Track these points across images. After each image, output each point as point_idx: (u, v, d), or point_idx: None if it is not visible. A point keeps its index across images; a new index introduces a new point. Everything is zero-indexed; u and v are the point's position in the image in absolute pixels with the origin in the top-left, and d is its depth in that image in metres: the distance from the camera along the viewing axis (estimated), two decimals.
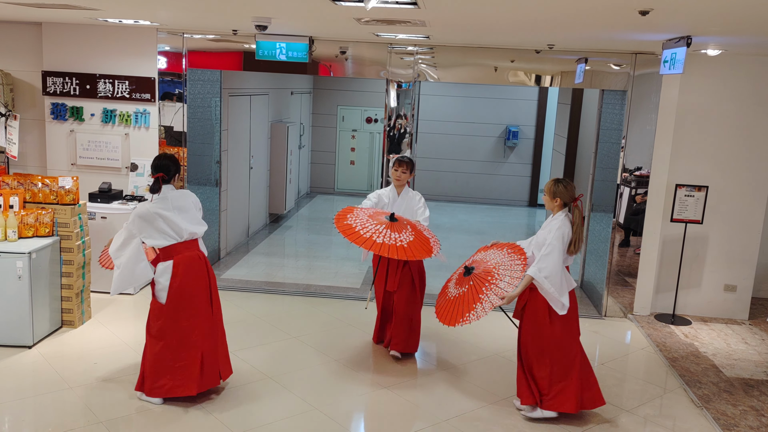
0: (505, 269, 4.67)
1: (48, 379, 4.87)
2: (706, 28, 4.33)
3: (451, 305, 4.74)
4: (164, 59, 6.90)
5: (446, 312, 4.73)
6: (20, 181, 5.76)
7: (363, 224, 5.10)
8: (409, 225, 5.23)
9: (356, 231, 5.04)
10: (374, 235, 5.00)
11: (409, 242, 5.03)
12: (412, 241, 5.07)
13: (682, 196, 6.60)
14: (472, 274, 4.81)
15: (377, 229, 5.06)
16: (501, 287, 4.56)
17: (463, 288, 4.76)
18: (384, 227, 5.08)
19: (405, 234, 5.08)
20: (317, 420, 4.51)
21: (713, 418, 4.75)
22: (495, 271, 4.70)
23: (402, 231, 5.10)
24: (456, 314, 4.61)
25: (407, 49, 6.83)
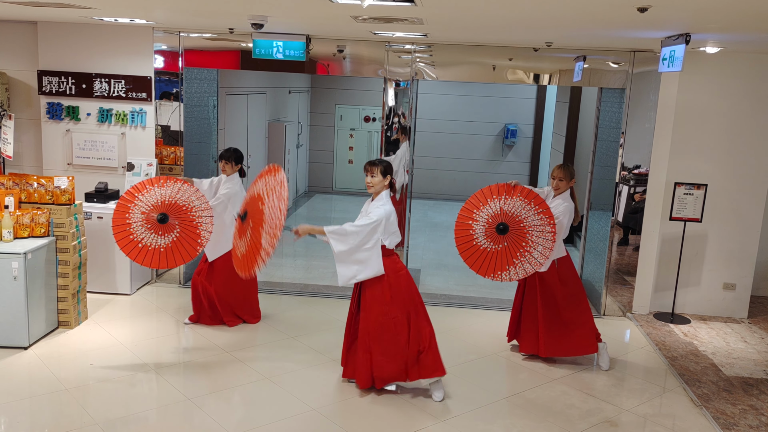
0: (537, 236, 5.14)
1: (44, 380, 4.84)
2: (705, 25, 4.31)
3: (483, 257, 5.19)
4: (161, 58, 6.87)
5: (479, 262, 5.19)
6: (16, 181, 5.73)
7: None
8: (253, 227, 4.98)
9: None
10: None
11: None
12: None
13: (681, 194, 6.58)
14: (508, 233, 5.15)
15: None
16: (535, 257, 5.11)
17: (497, 245, 5.18)
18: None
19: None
20: (316, 420, 4.49)
21: (713, 417, 4.74)
22: (529, 237, 5.15)
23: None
24: (488, 268, 5.19)
25: (405, 47, 6.80)
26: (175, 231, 5.42)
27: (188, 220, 5.48)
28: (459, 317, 6.66)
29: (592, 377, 5.39)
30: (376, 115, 13.03)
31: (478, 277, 8.11)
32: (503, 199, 5.24)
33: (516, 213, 5.19)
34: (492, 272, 5.17)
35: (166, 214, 5.42)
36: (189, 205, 5.50)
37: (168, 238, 5.41)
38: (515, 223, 5.18)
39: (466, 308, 6.94)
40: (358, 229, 4.62)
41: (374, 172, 4.73)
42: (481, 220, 5.23)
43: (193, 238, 5.46)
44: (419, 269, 8.25)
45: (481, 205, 5.26)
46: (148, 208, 5.41)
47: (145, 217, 5.39)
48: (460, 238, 5.27)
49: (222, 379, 5.03)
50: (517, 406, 4.84)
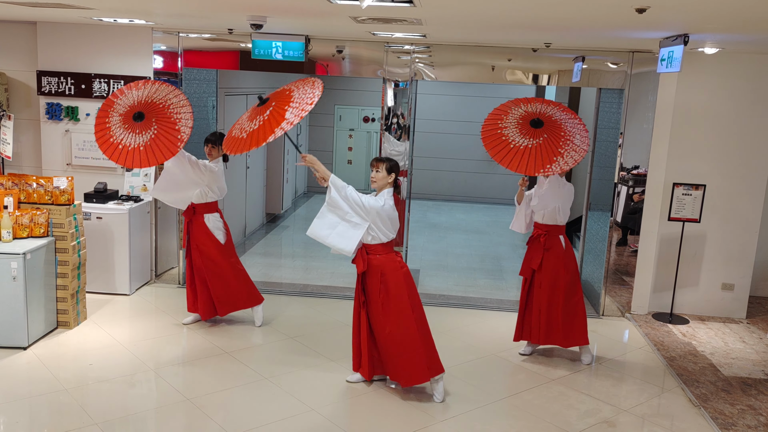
0: (571, 126, 5.23)
1: (43, 380, 4.85)
2: (703, 26, 4.32)
3: (526, 155, 5.14)
4: (160, 59, 6.88)
5: (522, 161, 5.13)
6: (15, 182, 5.73)
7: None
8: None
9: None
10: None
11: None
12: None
13: (680, 194, 6.59)
14: (544, 126, 5.20)
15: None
16: (577, 144, 5.16)
17: (537, 140, 5.17)
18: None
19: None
20: (315, 421, 4.49)
21: (711, 418, 4.74)
22: (564, 125, 5.22)
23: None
24: (536, 164, 5.12)
25: (404, 48, 6.81)
26: (152, 128, 5.33)
27: (166, 117, 5.37)
28: (458, 317, 6.66)
29: (591, 378, 5.40)
30: (375, 115, 13.03)
31: (477, 277, 8.15)
32: (525, 105, 5.34)
33: (542, 111, 5.30)
34: (541, 167, 5.10)
35: (142, 112, 5.35)
36: (166, 103, 5.41)
37: (146, 135, 5.32)
38: (546, 118, 5.27)
39: (465, 309, 6.95)
40: (356, 199, 4.70)
41: (379, 167, 4.79)
42: (510, 125, 5.28)
43: (172, 134, 5.34)
44: (418, 270, 8.26)
45: (504, 115, 5.34)
46: (125, 109, 5.35)
47: (122, 118, 5.34)
48: (494, 145, 5.27)
49: (221, 379, 5.03)
50: (515, 406, 4.85)
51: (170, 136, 5.34)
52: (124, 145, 5.31)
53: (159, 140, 5.32)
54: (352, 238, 4.68)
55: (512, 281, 8.06)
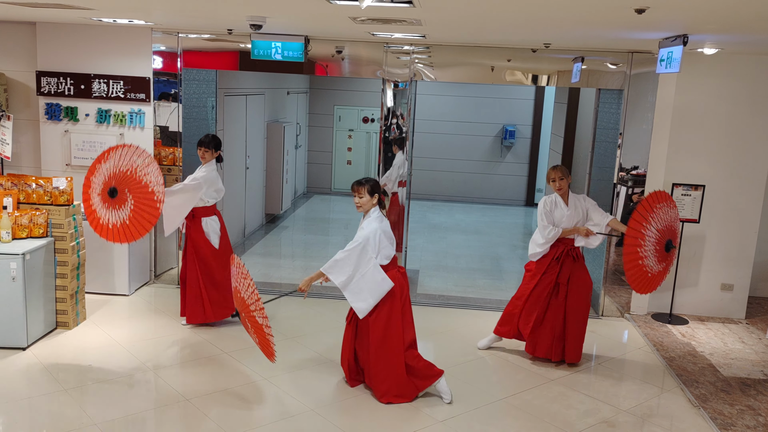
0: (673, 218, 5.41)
1: (42, 380, 4.84)
2: (703, 27, 4.32)
3: (651, 279, 5.25)
4: (159, 59, 6.88)
5: (646, 283, 5.24)
6: (14, 182, 5.73)
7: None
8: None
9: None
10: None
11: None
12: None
13: (679, 195, 6.59)
14: (672, 251, 5.34)
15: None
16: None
17: (662, 264, 5.29)
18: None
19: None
20: (314, 421, 4.49)
21: (710, 418, 4.74)
22: (676, 230, 5.44)
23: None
24: (653, 284, 5.28)
25: (403, 48, 6.81)
26: (129, 199, 5.33)
27: (137, 183, 5.36)
28: (457, 318, 6.66)
29: (590, 378, 5.40)
30: (374, 115, 13.03)
31: (475, 277, 8.16)
32: (655, 220, 5.22)
33: (667, 222, 5.30)
34: (654, 287, 5.33)
35: (115, 188, 5.33)
36: (132, 167, 5.38)
37: (126, 208, 5.32)
38: (674, 234, 5.39)
39: (465, 309, 6.95)
40: (347, 254, 4.60)
41: (362, 192, 4.72)
42: (649, 253, 5.21)
43: (149, 198, 5.35)
44: (418, 270, 8.26)
45: (641, 239, 5.17)
46: (100, 187, 5.32)
47: (101, 197, 5.31)
48: (639, 281, 5.22)
49: (220, 379, 5.03)
50: (514, 406, 4.85)
51: (148, 201, 5.39)
52: (112, 224, 5.31)
53: (139, 209, 5.38)
54: (380, 275, 4.66)
55: (511, 281, 8.06)
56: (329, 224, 11.01)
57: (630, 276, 5.12)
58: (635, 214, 5.08)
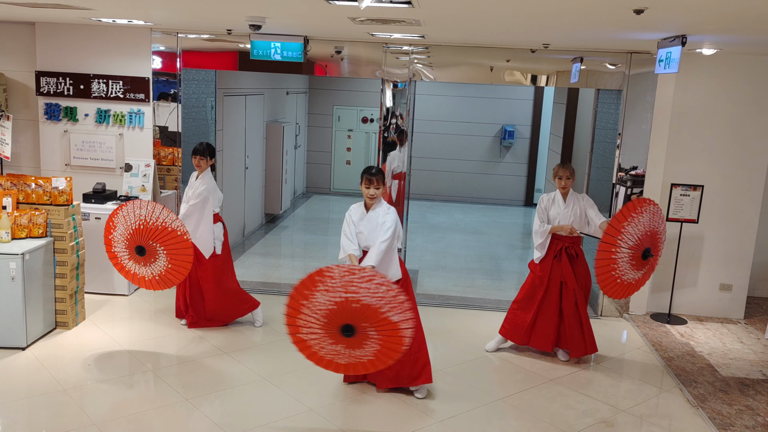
0: (662, 236, 5.34)
1: (42, 380, 4.85)
2: (701, 27, 4.33)
3: (627, 286, 5.24)
4: (158, 59, 6.88)
5: (620, 290, 5.24)
6: (13, 182, 5.73)
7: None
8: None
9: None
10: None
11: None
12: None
13: (678, 195, 6.60)
14: (649, 259, 5.23)
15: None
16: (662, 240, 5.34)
17: (638, 272, 5.23)
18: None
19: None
20: (313, 421, 4.49)
21: (709, 418, 4.75)
22: (659, 235, 5.30)
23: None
24: (629, 290, 5.28)
25: (402, 48, 6.82)
26: (159, 249, 5.28)
27: (155, 231, 5.27)
28: (457, 318, 6.67)
29: (589, 378, 5.41)
30: (373, 116, 13.03)
31: (475, 277, 8.16)
32: (631, 226, 5.15)
33: (648, 232, 5.20)
34: (632, 291, 5.33)
35: (142, 246, 5.30)
36: (142, 220, 5.25)
37: (161, 256, 5.30)
38: (654, 242, 5.27)
39: (464, 309, 6.96)
40: (387, 242, 4.68)
41: (378, 184, 4.77)
42: (623, 261, 5.17)
43: (175, 236, 5.27)
44: (417, 270, 8.26)
45: (615, 248, 5.15)
46: (127, 253, 5.33)
47: (128, 253, 5.34)
48: (611, 286, 5.22)
49: (220, 379, 5.04)
50: (513, 406, 4.85)
51: (176, 240, 5.28)
52: (158, 275, 5.34)
53: (173, 251, 5.29)
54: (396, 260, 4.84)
55: (510, 281, 8.07)
56: (328, 224, 11.01)
57: (601, 282, 5.15)
58: (613, 220, 5.10)
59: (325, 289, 3.80)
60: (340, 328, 3.97)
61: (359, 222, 4.85)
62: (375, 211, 4.82)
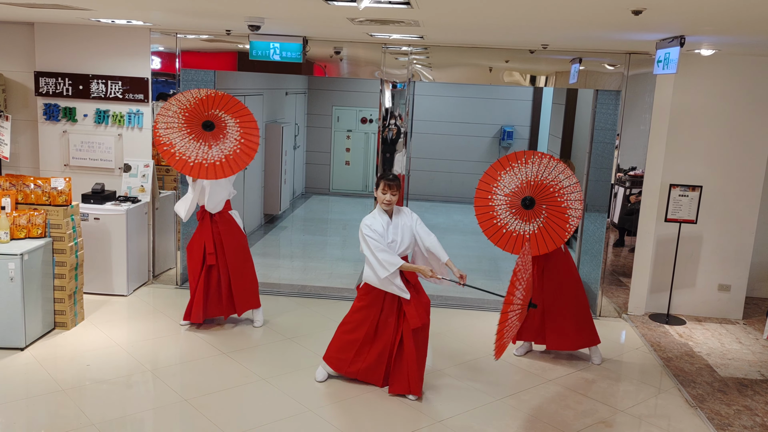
0: (561, 188, 5.17)
1: (40, 381, 4.85)
2: (700, 28, 4.34)
3: (534, 238, 5.13)
4: (158, 59, 6.88)
5: (511, 241, 5.15)
6: (12, 182, 5.73)
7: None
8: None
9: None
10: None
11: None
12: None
13: (676, 195, 6.61)
14: (537, 209, 5.15)
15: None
16: (573, 207, 5.17)
17: (534, 223, 5.14)
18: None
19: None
20: (312, 421, 4.50)
21: (707, 418, 4.76)
22: (555, 190, 5.16)
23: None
24: (548, 242, 5.13)
25: (401, 49, 6.82)
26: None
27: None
28: (456, 318, 6.67)
29: (588, 378, 5.41)
30: (373, 116, 13.04)
31: (474, 278, 8.15)
32: (508, 172, 5.16)
33: (527, 178, 5.16)
34: (560, 241, 5.17)
35: (211, 121, 5.50)
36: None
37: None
38: (538, 187, 5.14)
39: (463, 309, 6.96)
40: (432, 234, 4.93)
41: (395, 190, 4.81)
42: (501, 206, 5.16)
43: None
44: None
45: (491, 191, 5.17)
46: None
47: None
48: (492, 231, 5.20)
49: (219, 380, 5.04)
50: (512, 406, 4.86)
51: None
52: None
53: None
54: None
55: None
56: (328, 224, 11.01)
57: (486, 231, 5.24)
58: (490, 168, 5.21)
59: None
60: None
61: (387, 232, 4.76)
62: (399, 217, 4.87)
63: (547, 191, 5.16)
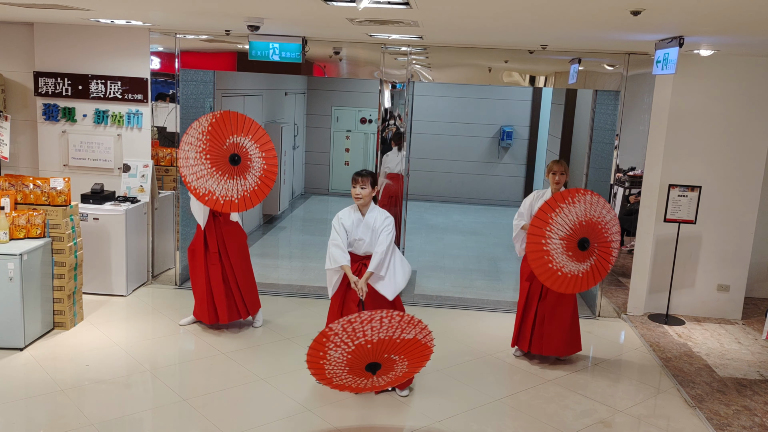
0: (606, 224, 5.21)
1: (40, 381, 4.84)
2: (698, 28, 4.34)
3: (573, 280, 5.15)
4: (157, 60, 6.88)
5: (578, 283, 5.18)
6: (11, 183, 5.73)
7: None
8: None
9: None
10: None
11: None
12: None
13: (675, 196, 6.61)
14: (590, 248, 5.15)
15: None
16: (615, 239, 5.26)
17: (585, 263, 5.16)
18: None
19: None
20: (311, 422, 4.50)
21: (706, 418, 4.76)
22: (602, 226, 5.20)
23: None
24: (596, 276, 5.22)
25: (401, 49, 6.82)
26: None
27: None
28: (455, 319, 6.67)
29: (587, 378, 5.41)
30: (372, 116, 13.04)
31: (473, 278, 8.17)
32: (562, 214, 5.07)
33: (581, 219, 5.11)
34: (599, 278, 5.26)
35: (237, 154, 5.49)
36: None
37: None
38: (594, 231, 5.16)
39: (462, 309, 6.96)
40: (386, 247, 4.72)
41: (365, 183, 4.78)
42: (556, 250, 5.09)
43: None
44: (415, 271, 8.27)
45: (545, 234, 5.06)
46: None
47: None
48: (545, 272, 5.11)
49: (217, 380, 5.04)
50: (511, 407, 4.86)
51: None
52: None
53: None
54: (401, 259, 4.89)
55: (509, 282, 8.07)
56: (327, 225, 10.99)
57: (539, 273, 5.11)
58: (539, 212, 5.10)
59: (335, 346, 3.85)
60: (365, 367, 4.03)
61: (355, 229, 4.83)
62: (372, 215, 4.83)
63: (596, 228, 5.19)
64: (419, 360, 4.19)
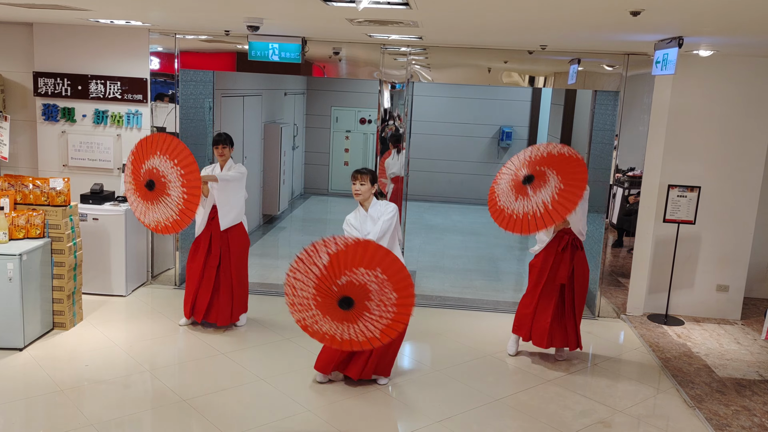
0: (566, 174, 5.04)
1: (39, 381, 4.84)
2: (698, 29, 4.34)
3: (520, 220, 5.15)
4: (156, 60, 6.88)
5: (513, 223, 5.19)
6: (11, 183, 5.73)
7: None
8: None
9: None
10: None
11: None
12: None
13: (675, 196, 6.62)
14: (534, 181, 5.05)
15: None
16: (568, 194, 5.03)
17: (528, 199, 5.08)
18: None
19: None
20: (311, 421, 4.50)
21: (706, 418, 4.76)
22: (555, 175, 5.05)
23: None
24: (525, 224, 5.12)
25: (400, 49, 6.83)
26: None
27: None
28: (454, 319, 6.67)
29: (586, 378, 5.42)
30: (371, 117, 13.05)
31: (473, 278, 8.17)
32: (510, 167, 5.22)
33: (536, 157, 5.15)
34: (558, 218, 5.04)
35: (151, 180, 5.38)
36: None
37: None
38: (542, 163, 5.09)
39: (462, 310, 6.96)
40: (384, 228, 4.78)
41: (363, 180, 4.87)
42: (503, 193, 5.22)
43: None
44: (415, 271, 8.27)
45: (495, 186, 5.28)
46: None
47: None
48: (501, 218, 5.28)
49: (217, 380, 5.04)
50: (511, 407, 4.86)
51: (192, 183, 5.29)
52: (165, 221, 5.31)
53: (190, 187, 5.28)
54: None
55: (508, 282, 8.08)
56: (326, 225, 11.01)
57: (495, 218, 5.31)
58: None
59: (308, 257, 4.02)
60: (338, 303, 3.98)
61: (362, 224, 4.91)
62: (375, 208, 4.92)
63: (551, 159, 5.08)
64: (390, 328, 3.98)
